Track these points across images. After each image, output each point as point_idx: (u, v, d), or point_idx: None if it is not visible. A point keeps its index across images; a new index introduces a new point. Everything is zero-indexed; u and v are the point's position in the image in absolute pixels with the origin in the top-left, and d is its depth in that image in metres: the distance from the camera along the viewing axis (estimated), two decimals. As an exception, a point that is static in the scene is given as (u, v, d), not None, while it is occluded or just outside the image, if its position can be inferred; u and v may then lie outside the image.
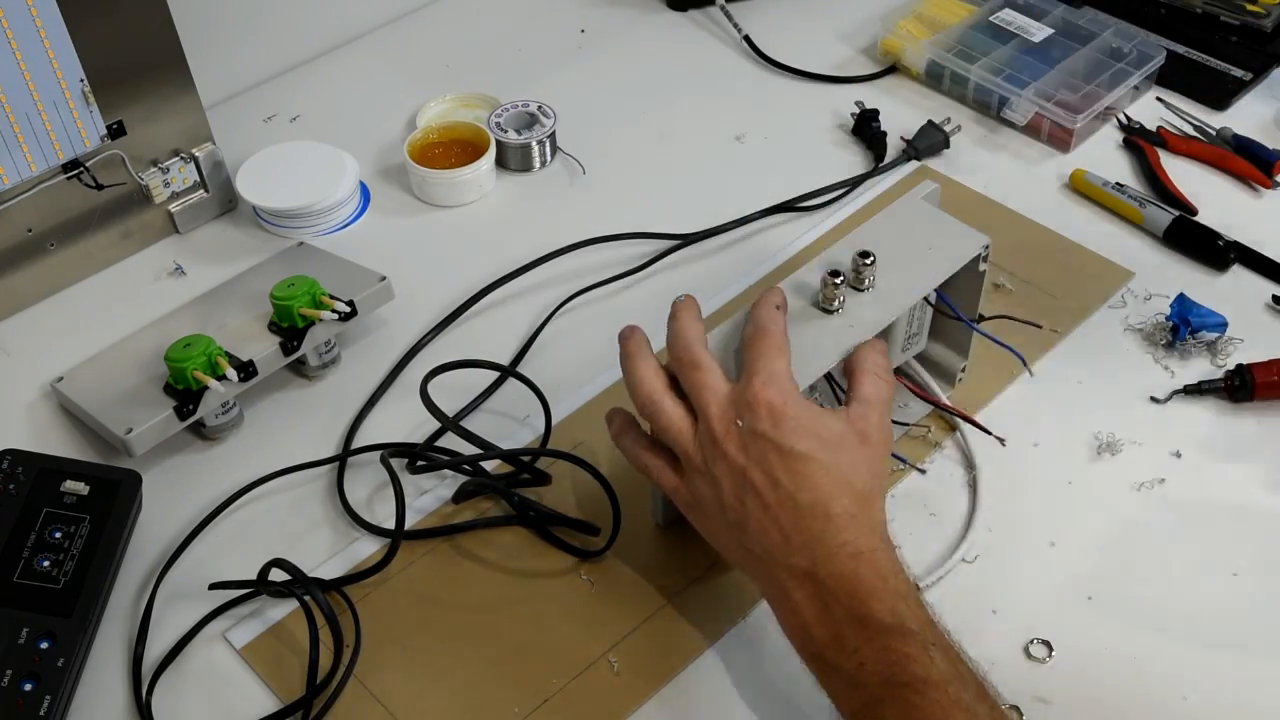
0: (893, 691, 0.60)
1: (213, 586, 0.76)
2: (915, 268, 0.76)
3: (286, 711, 0.70)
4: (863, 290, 0.74)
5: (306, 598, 0.74)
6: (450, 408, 0.84)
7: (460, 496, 0.80)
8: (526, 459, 0.82)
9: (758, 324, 0.70)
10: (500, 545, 0.79)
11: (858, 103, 1.09)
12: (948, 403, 0.84)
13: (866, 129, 1.07)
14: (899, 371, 0.83)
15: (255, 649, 0.74)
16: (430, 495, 0.82)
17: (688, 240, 0.99)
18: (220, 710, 0.72)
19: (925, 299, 0.78)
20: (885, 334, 0.78)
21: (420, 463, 0.81)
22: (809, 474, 0.65)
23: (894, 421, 0.83)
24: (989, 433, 0.81)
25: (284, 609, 0.76)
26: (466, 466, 0.81)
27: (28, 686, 0.68)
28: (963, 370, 0.86)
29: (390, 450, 0.82)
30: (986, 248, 0.78)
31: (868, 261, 0.74)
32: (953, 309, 0.80)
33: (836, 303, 0.73)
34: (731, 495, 0.67)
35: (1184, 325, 0.88)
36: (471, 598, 0.76)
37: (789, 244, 0.99)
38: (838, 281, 0.73)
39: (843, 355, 0.72)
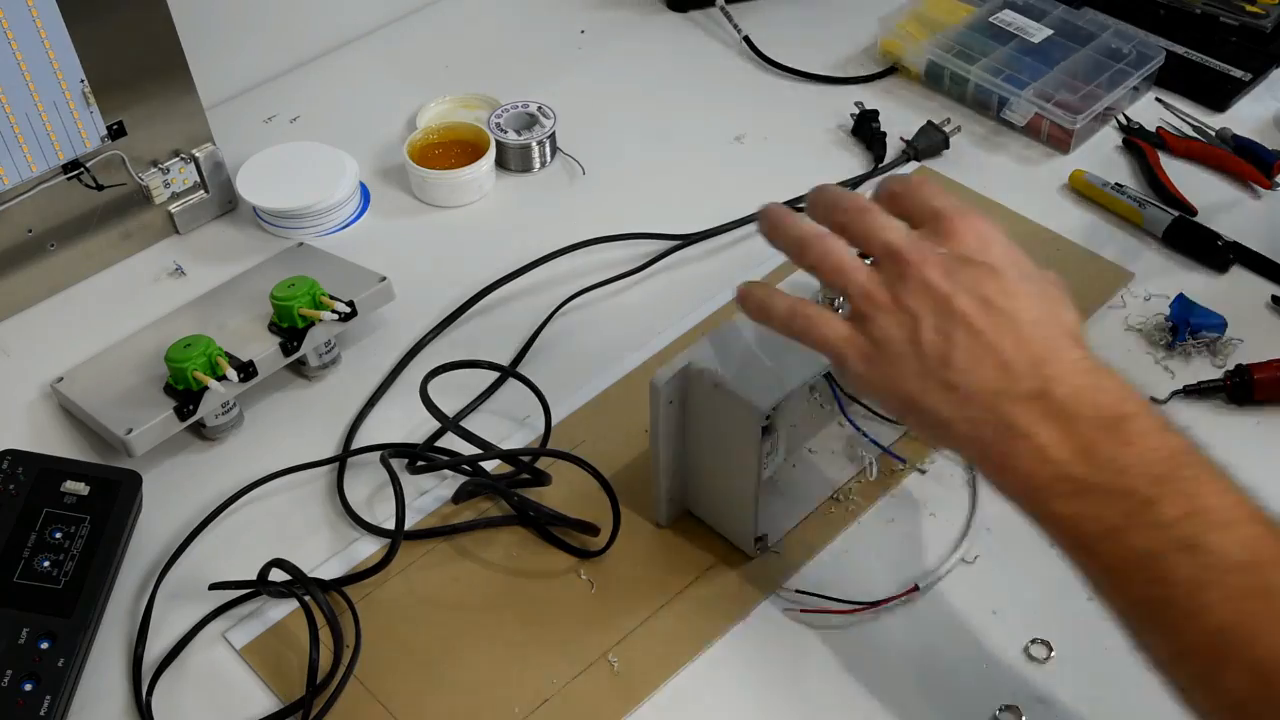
0: (1170, 486, 0.54)
1: (213, 586, 0.76)
2: None
3: (286, 711, 0.71)
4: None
5: (306, 598, 0.74)
6: (450, 408, 0.84)
7: (460, 497, 0.80)
8: (526, 459, 0.82)
9: (911, 181, 0.64)
10: (500, 545, 0.79)
11: (857, 103, 1.09)
12: None
13: (866, 129, 1.07)
14: None
15: (255, 649, 0.74)
16: (430, 495, 0.82)
17: (688, 240, 0.99)
18: (220, 710, 0.72)
19: None
20: None
21: (420, 463, 0.81)
22: (1028, 294, 0.59)
23: (895, 422, 0.83)
24: None
25: (284, 609, 0.76)
26: (466, 467, 0.81)
27: (28, 686, 0.68)
28: None
29: (390, 450, 0.82)
30: None
31: (867, 262, 0.74)
32: None
33: (838, 301, 0.73)
34: (932, 329, 0.59)
35: (1184, 326, 0.88)
36: (471, 598, 0.76)
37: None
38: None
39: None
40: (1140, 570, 0.55)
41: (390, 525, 0.79)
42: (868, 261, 0.63)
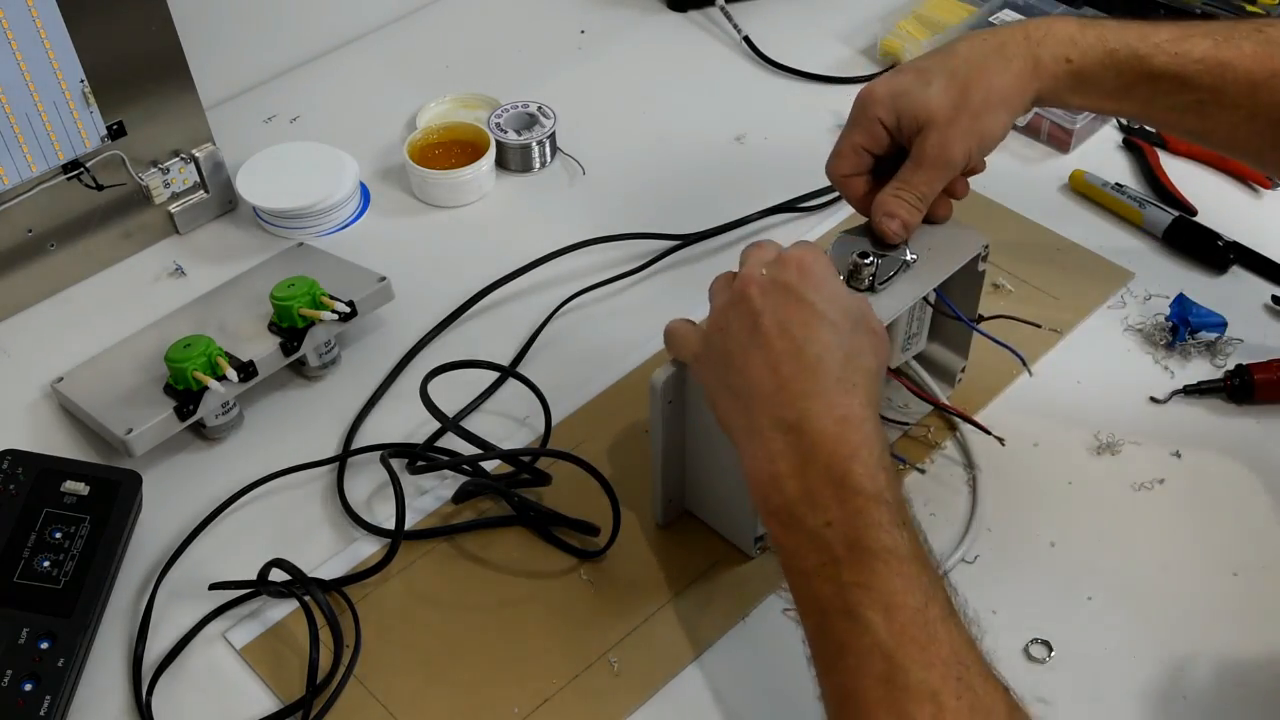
0: (856, 555, 0.59)
1: (213, 587, 0.76)
2: (915, 268, 0.76)
3: (286, 711, 0.71)
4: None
5: (306, 598, 0.74)
6: (450, 408, 0.84)
7: (460, 497, 0.80)
8: (526, 459, 0.82)
9: (808, 248, 0.70)
10: (500, 545, 0.79)
11: None
12: (947, 402, 0.84)
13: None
14: (898, 372, 0.83)
15: (255, 649, 0.74)
16: (430, 495, 0.82)
17: (688, 240, 0.99)
18: (220, 710, 0.72)
19: (924, 299, 0.78)
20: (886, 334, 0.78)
21: (420, 463, 0.81)
22: (821, 332, 0.65)
23: (894, 422, 0.83)
24: (989, 433, 0.81)
25: (284, 609, 0.76)
26: (466, 467, 0.81)
27: (28, 686, 0.68)
28: (962, 370, 0.86)
29: (390, 450, 0.82)
30: (986, 248, 0.78)
31: (866, 262, 0.74)
32: (952, 309, 0.80)
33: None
34: (739, 335, 0.66)
35: (1184, 325, 0.88)
36: (471, 598, 0.76)
37: (789, 244, 0.98)
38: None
39: None
40: (815, 614, 0.61)
41: (390, 525, 0.79)
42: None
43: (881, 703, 0.56)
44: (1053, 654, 0.73)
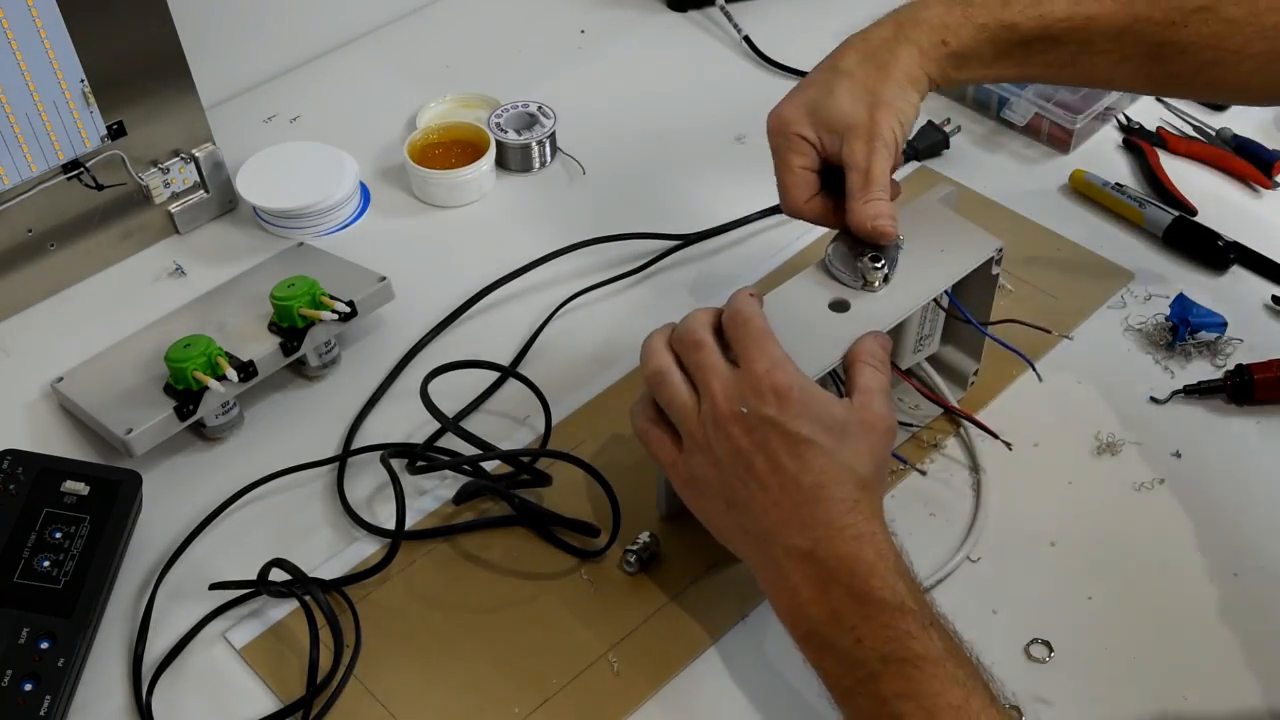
0: (891, 667, 0.61)
1: (213, 587, 0.76)
2: (927, 270, 0.76)
3: (286, 711, 0.71)
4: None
5: (306, 598, 0.74)
6: (450, 408, 0.84)
7: (461, 498, 0.80)
8: (526, 460, 0.82)
9: (738, 311, 0.70)
10: (500, 545, 0.79)
11: None
12: (956, 405, 0.84)
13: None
14: (910, 373, 0.83)
15: (255, 649, 0.74)
16: (430, 495, 0.82)
17: (688, 240, 0.99)
18: (220, 710, 0.72)
19: (936, 301, 0.78)
20: (896, 335, 0.78)
21: (420, 463, 0.81)
22: (813, 458, 0.65)
23: (902, 424, 0.83)
24: (996, 436, 0.81)
25: (284, 609, 0.76)
26: (466, 467, 0.81)
27: (28, 686, 0.68)
28: (974, 374, 0.86)
29: (390, 451, 0.82)
30: (999, 251, 0.78)
31: (878, 265, 0.74)
32: (963, 312, 0.79)
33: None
34: (733, 477, 0.67)
35: (1184, 325, 0.88)
36: (471, 598, 0.76)
37: (789, 244, 0.99)
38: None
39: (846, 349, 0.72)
40: None
41: (390, 525, 0.79)
42: None
43: None
44: (1053, 654, 0.73)
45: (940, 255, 0.77)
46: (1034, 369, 0.84)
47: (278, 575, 0.75)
